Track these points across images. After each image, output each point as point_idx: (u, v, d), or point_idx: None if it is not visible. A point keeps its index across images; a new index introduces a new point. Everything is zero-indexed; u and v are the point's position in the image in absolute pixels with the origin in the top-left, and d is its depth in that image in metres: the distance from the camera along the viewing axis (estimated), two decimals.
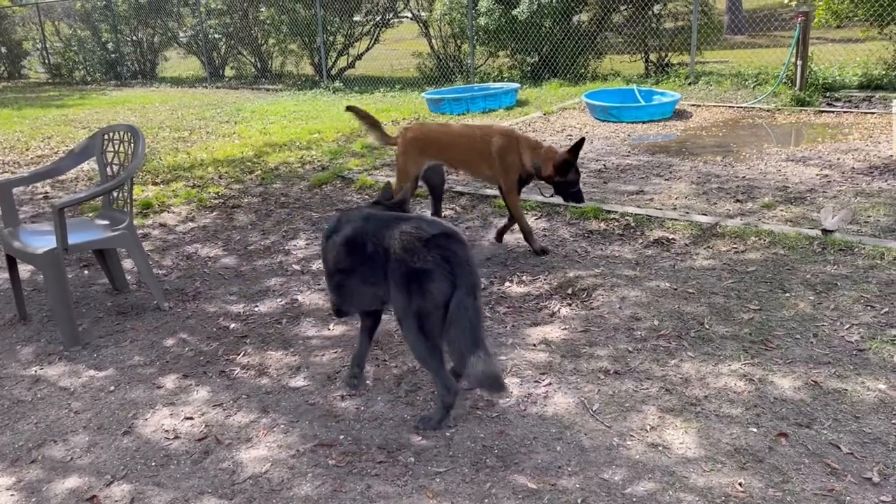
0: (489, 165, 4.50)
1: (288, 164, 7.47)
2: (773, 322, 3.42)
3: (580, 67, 12.22)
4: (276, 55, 17.08)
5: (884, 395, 2.79)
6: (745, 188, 5.41)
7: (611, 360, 3.23)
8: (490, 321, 3.75)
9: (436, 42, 14.30)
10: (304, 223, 5.55)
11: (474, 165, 4.57)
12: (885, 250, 4.04)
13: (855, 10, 9.91)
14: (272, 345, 3.68)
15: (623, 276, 4.11)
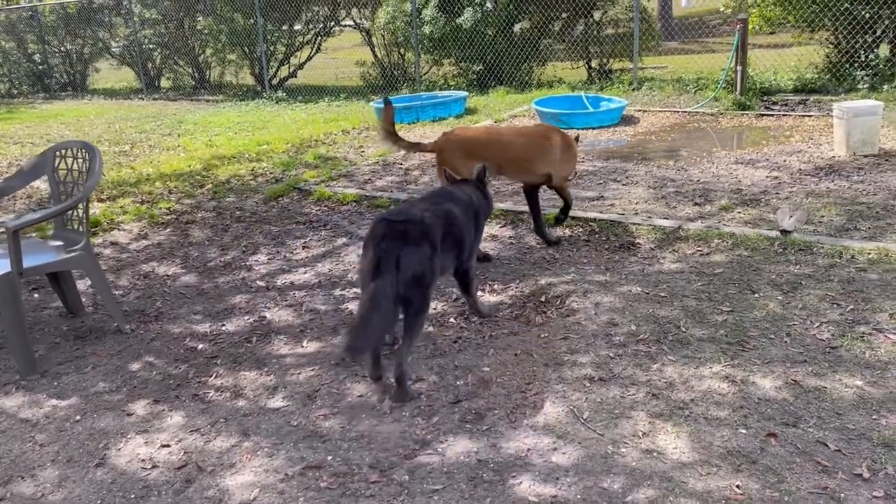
0: (548, 163, 4.54)
1: (239, 176, 7.29)
2: (747, 323, 3.49)
3: (524, 75, 12.35)
4: (215, 65, 16.72)
5: (861, 392, 2.87)
6: (702, 191, 5.54)
7: (594, 366, 3.24)
8: (466, 331, 3.72)
9: (379, 51, 14.23)
10: (263, 237, 5.41)
11: (529, 164, 4.57)
12: (842, 249, 4.18)
13: (786, 16, 10.31)
14: (245, 365, 3.56)
15: (594, 281, 4.14)
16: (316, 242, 5.23)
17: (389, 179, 6.64)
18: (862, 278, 3.84)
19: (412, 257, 3.03)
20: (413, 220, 3.14)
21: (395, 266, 2.97)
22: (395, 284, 2.95)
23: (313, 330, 3.88)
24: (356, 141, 8.81)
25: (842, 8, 9.27)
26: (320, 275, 4.63)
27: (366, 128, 9.74)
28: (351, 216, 5.72)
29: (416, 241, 3.07)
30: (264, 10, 14.24)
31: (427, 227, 3.15)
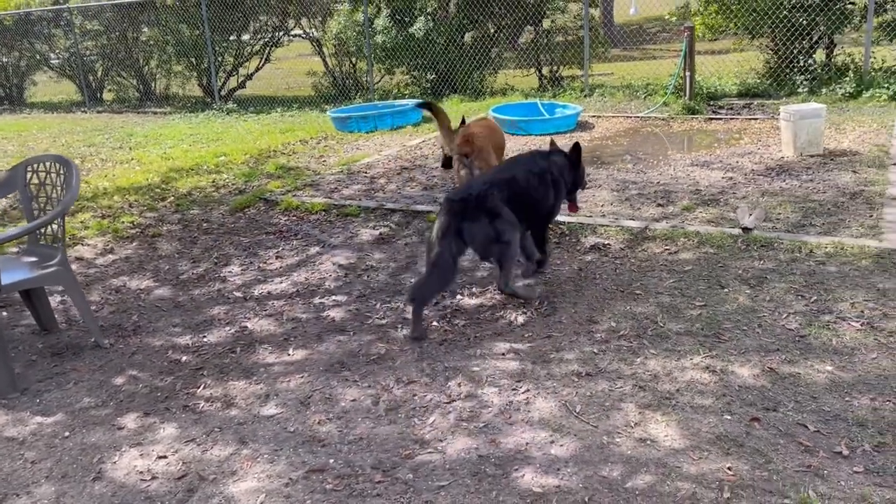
0: None
1: (201, 188, 7.22)
2: (720, 316, 3.66)
3: (477, 83, 12.52)
4: (161, 77, 16.43)
5: (833, 376, 3.05)
6: (663, 193, 5.74)
7: (580, 362, 3.35)
8: (451, 334, 3.79)
9: (330, 60, 14.22)
10: (234, 249, 5.39)
11: None
12: (801, 244, 4.41)
13: (728, 24, 10.74)
14: (232, 375, 3.56)
15: (570, 281, 4.27)
16: (289, 252, 5.23)
17: (356, 188, 6.67)
18: (822, 271, 4.06)
19: (474, 230, 3.73)
20: (468, 198, 3.79)
21: (454, 236, 3.70)
22: (453, 252, 3.70)
23: (297, 338, 3.90)
24: (316, 150, 8.81)
25: (780, 15, 9.70)
26: (297, 284, 4.65)
27: (324, 137, 9.73)
28: (321, 225, 5.74)
29: (473, 216, 3.73)
30: (211, 21, 14.07)
31: (482, 200, 3.78)
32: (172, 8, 14.57)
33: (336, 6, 13.27)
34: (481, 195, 3.80)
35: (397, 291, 4.41)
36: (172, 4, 14.51)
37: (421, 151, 8.15)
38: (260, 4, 14.11)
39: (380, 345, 3.74)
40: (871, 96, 8.87)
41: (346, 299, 4.36)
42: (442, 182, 6.62)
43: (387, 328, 3.94)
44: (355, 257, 5.02)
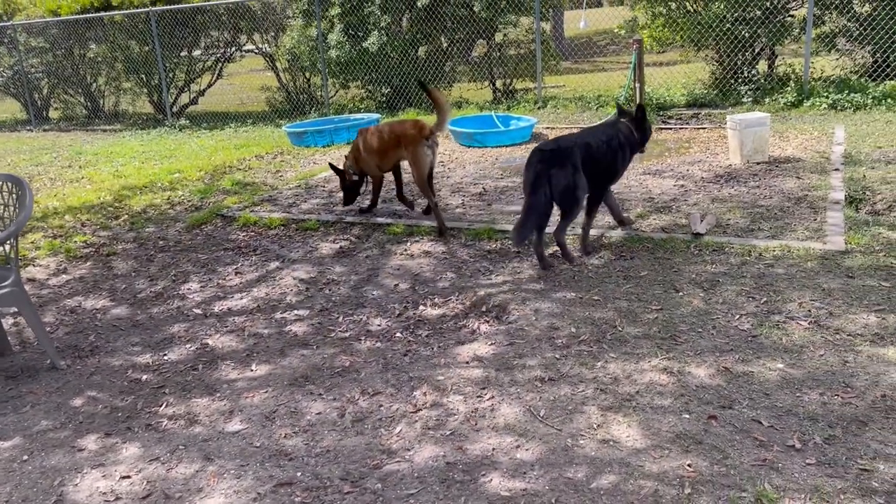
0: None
1: (155, 206, 7.12)
2: (676, 319, 3.77)
3: None
4: (109, 94, 16.14)
5: (784, 373, 3.17)
6: (618, 201, 5.86)
7: (542, 368, 3.41)
8: (415, 344, 3.82)
9: (284, 75, 14.18)
10: (192, 266, 5.33)
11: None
12: (751, 248, 4.57)
13: (674, 37, 11.05)
14: (195, 392, 3.53)
15: (530, 289, 4.34)
16: (248, 268, 5.20)
17: (314, 202, 6.67)
18: (771, 273, 4.21)
19: (559, 175, 4.39)
20: (557, 150, 4.48)
21: (547, 181, 4.36)
22: (547, 194, 4.38)
23: (260, 353, 3.88)
24: (272, 166, 8.76)
25: (723, 28, 10.03)
26: (258, 299, 4.62)
27: (280, 152, 9.69)
28: (280, 240, 5.72)
29: (561, 164, 4.41)
30: (162, 37, 13.91)
31: (568, 153, 4.44)
32: (121, 24, 14.36)
33: (289, 21, 13.23)
34: (568, 149, 4.47)
35: (360, 304, 4.42)
36: (121, 21, 14.30)
37: None
38: (211, 20, 14.00)
39: (343, 357, 3.75)
40: (811, 105, 9.22)
41: (308, 313, 4.36)
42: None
43: (350, 341, 3.95)
44: (316, 271, 5.02)
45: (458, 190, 6.71)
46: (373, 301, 4.46)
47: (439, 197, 6.52)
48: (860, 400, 2.92)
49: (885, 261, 4.23)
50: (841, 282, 4.01)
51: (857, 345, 3.35)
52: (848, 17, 9.85)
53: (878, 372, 3.11)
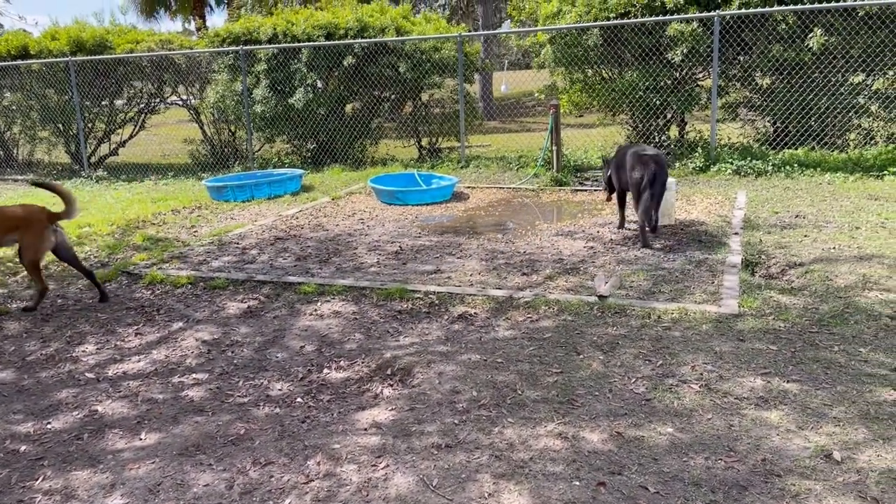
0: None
1: (58, 262, 6.83)
2: (574, 382, 3.82)
3: (357, 153, 12.72)
4: (24, 143, 15.61)
5: (673, 438, 3.24)
6: (528, 262, 5.98)
7: (440, 434, 3.39)
8: (315, 410, 3.75)
9: (208, 128, 14.04)
10: (90, 326, 5.12)
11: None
12: (650, 310, 4.70)
13: (591, 101, 11.51)
14: (76, 464, 3.35)
15: (437, 352, 4.33)
16: (149, 329, 5.03)
17: (226, 259, 6.54)
18: (668, 336, 4.34)
19: (665, 175, 6.22)
20: (661, 156, 6.26)
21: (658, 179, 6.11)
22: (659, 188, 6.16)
23: (152, 420, 3.73)
24: (188, 220, 8.59)
25: (636, 96, 10.52)
26: (156, 362, 4.46)
27: (198, 206, 9.52)
28: (186, 299, 5.57)
29: (665, 167, 6.22)
30: (81, 87, 13.62)
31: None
32: (38, 73, 14.00)
33: (214, 75, 13.17)
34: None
35: (262, 367, 4.32)
36: (38, 70, 13.95)
37: (297, 221, 8.12)
38: (134, 71, 13.81)
39: (239, 425, 3.63)
40: (717, 170, 9.69)
41: (207, 377, 4.23)
42: (316, 253, 6.61)
43: (248, 406, 3.84)
44: (220, 332, 4.89)
45: (375, 248, 6.71)
46: (276, 364, 4.36)
47: (356, 254, 6.50)
48: (742, 464, 3.00)
49: (773, 324, 4.41)
50: (732, 345, 4.15)
51: (743, 408, 3.45)
52: (750, 89, 10.48)
53: (759, 436, 3.21)
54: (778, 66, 9.91)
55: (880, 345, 4.07)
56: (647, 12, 10.35)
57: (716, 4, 10.01)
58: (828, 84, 9.71)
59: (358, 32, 12.29)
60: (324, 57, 12.18)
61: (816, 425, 3.27)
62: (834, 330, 4.31)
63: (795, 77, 9.77)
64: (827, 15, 9.38)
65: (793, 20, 9.51)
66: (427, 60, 11.99)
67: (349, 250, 6.68)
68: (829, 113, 9.78)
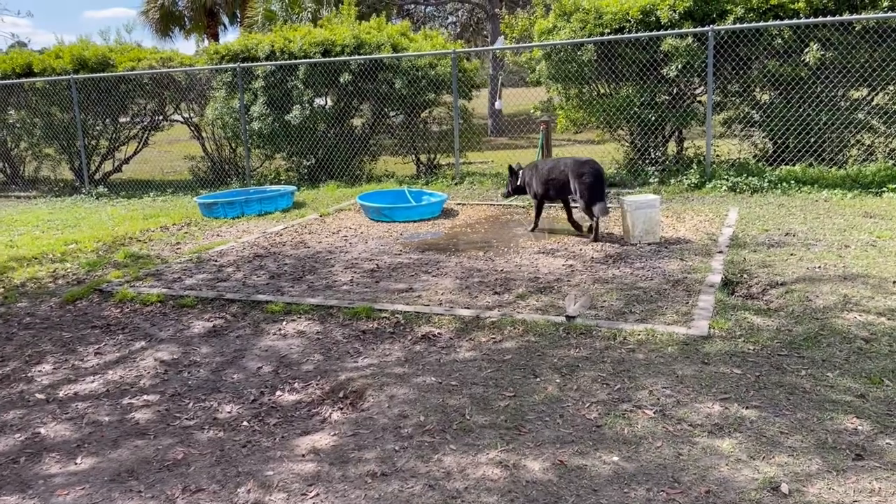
0: None
1: (37, 279, 6.83)
2: (526, 407, 3.68)
3: (356, 169, 12.68)
4: (30, 160, 15.76)
5: (617, 467, 3.09)
6: (503, 281, 5.86)
7: (378, 462, 3.26)
8: (259, 434, 3.64)
9: (209, 145, 14.09)
10: (52, 345, 5.06)
11: None
12: (617, 332, 4.56)
13: (588, 118, 11.39)
14: (6, 489, 3.26)
15: (393, 374, 4.22)
16: (111, 348, 4.96)
17: (201, 277, 6.48)
18: (631, 358, 4.19)
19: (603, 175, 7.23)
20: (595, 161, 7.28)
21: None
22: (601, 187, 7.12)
23: (91, 444, 3.64)
24: (174, 238, 8.56)
25: (632, 112, 10.39)
26: (109, 383, 4.39)
27: (187, 223, 9.50)
28: (153, 318, 5.50)
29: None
30: (84, 104, 13.74)
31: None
32: (42, 90, 14.15)
33: (213, 93, 13.23)
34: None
35: (216, 388, 4.23)
36: (42, 87, 14.09)
37: (280, 238, 8.06)
38: (135, 89, 13.90)
39: (178, 449, 3.54)
40: (713, 187, 9.52)
41: (158, 398, 4.14)
42: (291, 271, 6.53)
43: (192, 430, 3.74)
44: (180, 352, 4.81)
45: (352, 266, 6.62)
46: (230, 385, 4.27)
47: (331, 272, 6.42)
48: (684, 496, 2.85)
49: (742, 346, 4.26)
50: (696, 368, 4.00)
51: (696, 436, 3.30)
52: (748, 105, 10.31)
53: (708, 465, 3.05)
54: (775, 82, 9.75)
55: (850, 369, 3.90)
56: (642, 27, 10.25)
57: (710, 19, 9.89)
58: (826, 99, 9.54)
59: (354, 49, 12.30)
60: (321, 74, 12.19)
61: (769, 455, 3.11)
62: (804, 353, 4.14)
63: (793, 92, 9.61)
64: (823, 29, 9.23)
65: (788, 35, 9.36)
66: (423, 77, 11.95)
67: (325, 268, 6.59)
68: (827, 129, 9.60)
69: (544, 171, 7.57)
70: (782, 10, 9.52)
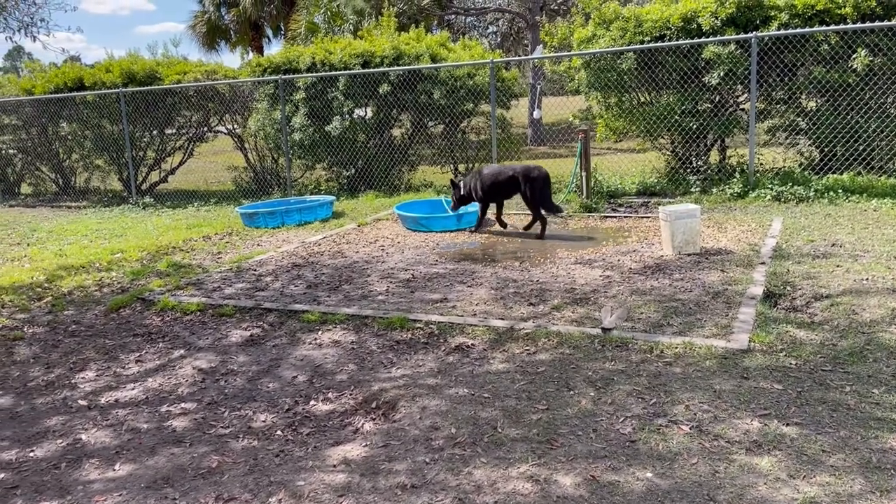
0: None
1: (84, 287, 7.01)
2: (559, 421, 3.64)
3: (394, 179, 12.76)
4: (81, 171, 16.25)
5: (650, 484, 3.03)
6: (538, 291, 5.82)
7: (408, 474, 3.26)
8: (292, 444, 3.67)
9: (252, 156, 14.33)
10: (95, 352, 5.19)
11: None
12: (653, 344, 4.48)
13: (629, 127, 11.27)
14: (47, 494, 3.34)
15: (425, 385, 4.21)
16: (151, 355, 5.06)
17: (240, 286, 6.57)
18: (667, 372, 4.11)
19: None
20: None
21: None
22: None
23: (129, 451, 3.71)
24: (216, 247, 8.71)
25: (673, 120, 10.25)
26: (149, 390, 4.47)
27: (228, 233, 9.67)
28: (193, 326, 5.60)
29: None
30: (132, 117, 14.12)
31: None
32: (93, 104, 14.58)
33: (255, 104, 13.47)
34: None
35: (251, 397, 4.28)
36: (93, 100, 14.53)
37: (319, 248, 8.14)
38: (181, 101, 14.24)
39: (213, 457, 3.58)
40: (756, 196, 9.32)
41: (195, 406, 4.20)
42: (328, 281, 6.59)
43: (227, 438, 3.79)
44: (218, 360, 4.88)
45: (388, 276, 6.64)
46: (265, 394, 4.31)
47: (367, 282, 6.45)
48: None
49: (784, 361, 4.14)
50: (734, 383, 3.90)
51: (733, 453, 3.22)
52: (794, 112, 10.08)
53: (745, 484, 2.97)
54: (821, 88, 9.51)
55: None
56: (683, 35, 10.11)
57: (754, 26, 9.71)
58: (876, 106, 9.27)
59: (394, 60, 12.39)
60: (360, 85, 12.32)
61: (810, 474, 3.02)
62: (849, 368, 4.01)
63: (840, 99, 9.36)
64: (871, 35, 8.98)
65: (835, 41, 9.13)
66: (461, 87, 11.98)
67: (361, 278, 6.63)
68: (876, 136, 9.32)
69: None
70: (828, 16, 9.31)
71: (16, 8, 8.91)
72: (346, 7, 23.87)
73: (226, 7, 33.55)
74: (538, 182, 8.04)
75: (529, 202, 8.19)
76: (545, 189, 8.09)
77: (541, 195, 8.06)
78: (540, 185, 8.04)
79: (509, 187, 8.27)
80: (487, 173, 8.41)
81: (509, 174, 8.21)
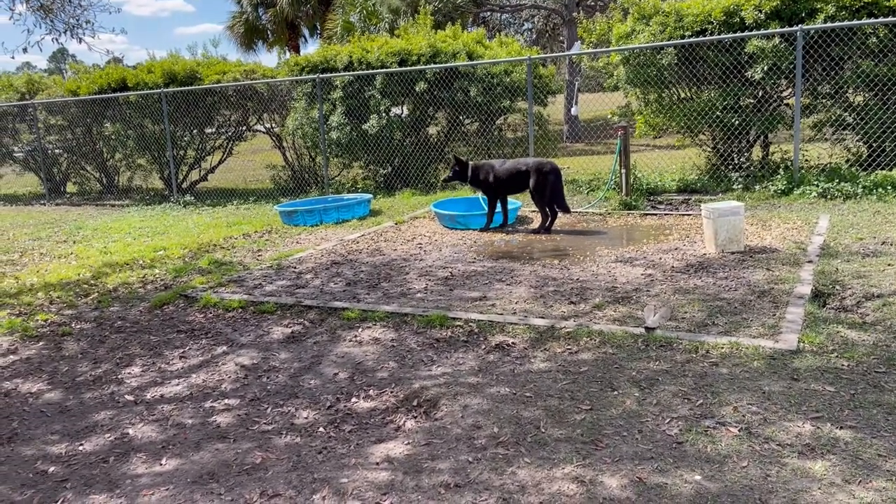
0: None
1: (128, 284, 7.14)
2: (603, 421, 3.59)
3: (431, 177, 12.76)
4: (124, 170, 16.58)
5: (699, 486, 2.97)
6: (579, 290, 5.75)
7: (451, 472, 3.24)
8: (334, 440, 3.68)
9: (290, 154, 14.47)
10: (140, 348, 5.27)
11: None
12: (699, 344, 4.39)
13: (669, 122, 11.10)
14: (96, 487, 3.40)
15: (466, 383, 4.19)
16: (195, 352, 5.13)
17: (280, 284, 6.63)
18: (714, 372, 4.03)
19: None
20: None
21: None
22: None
23: (175, 446, 3.76)
24: (256, 244, 8.81)
25: (715, 116, 10.06)
26: (193, 386, 4.53)
27: (268, 231, 9.76)
28: (235, 323, 5.66)
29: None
30: (173, 116, 14.35)
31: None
32: (136, 104, 14.86)
33: (293, 103, 13.58)
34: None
35: (293, 394, 4.30)
36: (135, 101, 14.81)
37: (357, 246, 8.18)
38: (221, 101, 14.43)
39: (257, 453, 3.61)
40: (801, 193, 9.11)
41: (238, 402, 4.24)
42: (367, 278, 6.61)
43: (270, 434, 3.81)
44: (260, 357, 4.92)
45: (426, 273, 6.64)
46: (307, 391, 4.34)
47: (405, 280, 6.45)
48: None
49: (835, 362, 4.03)
50: (784, 384, 3.81)
51: (785, 456, 3.14)
52: (841, 107, 9.82)
53: (798, 488, 2.89)
54: (870, 82, 9.25)
55: None
56: (725, 29, 9.92)
57: (799, 19, 9.49)
58: None
59: (430, 58, 12.39)
60: (397, 83, 12.34)
61: (866, 479, 2.92)
62: None
63: (890, 93, 9.09)
64: None
65: (884, 33, 8.87)
66: (498, 84, 11.93)
67: (400, 275, 6.64)
68: None
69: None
70: (876, 8, 9.05)
71: (62, 10, 9.10)
72: (382, 6, 23.97)
73: (263, 7, 33.95)
74: (550, 176, 8.23)
75: (538, 198, 8.33)
76: (557, 184, 8.32)
77: (552, 191, 8.30)
78: (552, 180, 8.25)
79: (519, 182, 8.41)
80: (499, 166, 8.55)
81: (522, 168, 8.39)
